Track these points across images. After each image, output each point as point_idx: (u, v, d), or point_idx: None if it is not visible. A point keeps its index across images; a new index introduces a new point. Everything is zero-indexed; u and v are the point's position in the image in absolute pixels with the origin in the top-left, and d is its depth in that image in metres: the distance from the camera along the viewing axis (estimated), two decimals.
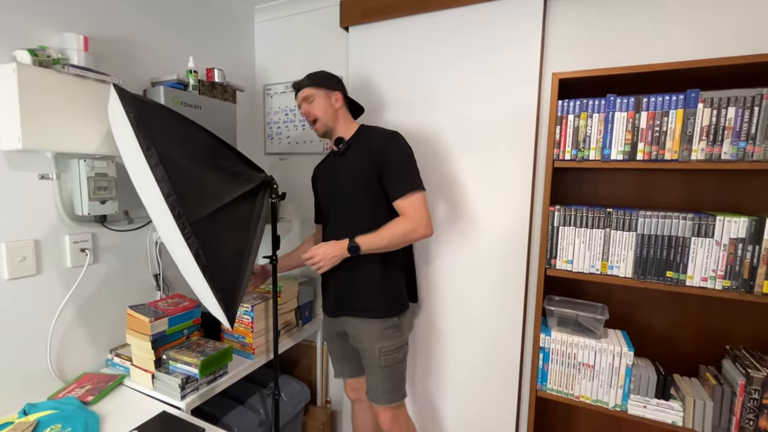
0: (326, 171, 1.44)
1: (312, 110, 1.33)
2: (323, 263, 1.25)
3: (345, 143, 1.32)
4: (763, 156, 0.97)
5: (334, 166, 1.37)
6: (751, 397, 1.01)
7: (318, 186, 1.47)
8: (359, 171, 1.27)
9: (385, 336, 1.30)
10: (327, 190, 1.40)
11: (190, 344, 1.38)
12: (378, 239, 1.22)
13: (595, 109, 1.12)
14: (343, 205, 1.32)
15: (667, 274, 1.07)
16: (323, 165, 1.48)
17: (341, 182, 1.32)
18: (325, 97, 1.33)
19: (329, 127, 1.35)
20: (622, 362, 1.14)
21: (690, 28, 1.21)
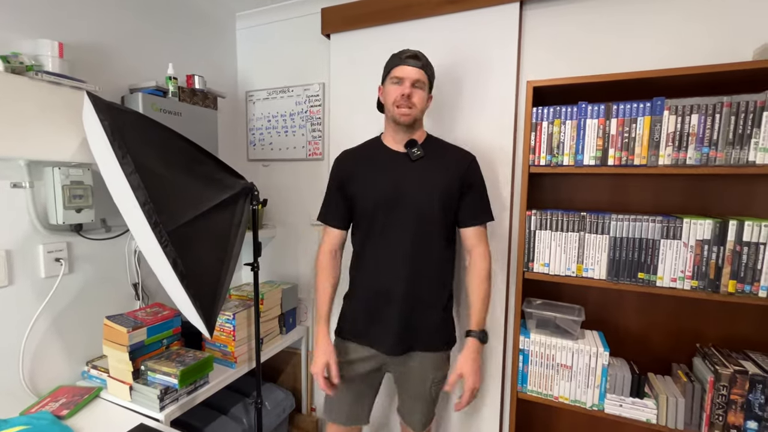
0: (383, 174, 1.17)
1: (416, 97, 1.12)
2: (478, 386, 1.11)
3: (419, 148, 1.16)
4: (725, 161, 1.02)
5: (402, 171, 1.16)
6: (719, 393, 1.05)
7: (361, 188, 1.19)
8: (445, 183, 1.14)
9: (439, 366, 1.20)
10: (386, 198, 1.15)
11: (169, 354, 1.36)
12: (485, 305, 1.14)
13: (568, 116, 1.15)
14: (415, 210, 1.13)
15: (639, 275, 1.11)
16: (369, 165, 1.20)
17: (414, 191, 1.13)
18: (427, 93, 1.16)
19: (415, 122, 1.16)
20: (598, 362, 1.17)
21: (657, 39, 1.26)
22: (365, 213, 1.18)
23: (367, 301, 1.19)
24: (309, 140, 1.91)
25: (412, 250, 1.13)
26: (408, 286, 1.13)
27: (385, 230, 1.15)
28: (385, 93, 1.17)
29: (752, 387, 1.02)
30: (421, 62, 1.11)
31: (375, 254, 1.18)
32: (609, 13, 1.32)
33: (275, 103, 1.98)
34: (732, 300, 1.03)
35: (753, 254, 1.00)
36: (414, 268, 1.14)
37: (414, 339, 1.16)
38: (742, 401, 1.03)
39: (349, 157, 1.26)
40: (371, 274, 1.19)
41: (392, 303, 1.15)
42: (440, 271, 1.18)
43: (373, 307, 1.18)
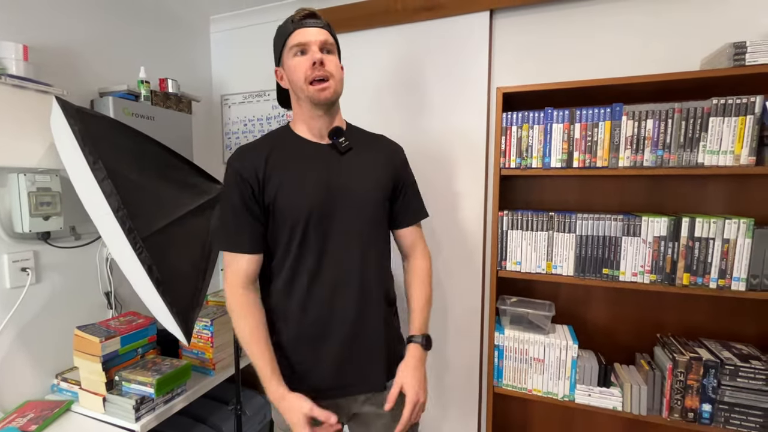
0: (308, 169, 0.90)
1: (331, 64, 0.88)
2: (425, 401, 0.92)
3: (345, 138, 0.94)
4: (677, 162, 1.10)
5: (333, 165, 0.92)
6: (677, 379, 1.12)
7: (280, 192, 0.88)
8: (384, 179, 0.96)
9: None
10: (319, 195, 0.89)
11: (145, 363, 1.33)
12: (428, 307, 0.98)
13: (535, 120, 1.21)
14: (358, 215, 0.91)
15: (604, 270, 1.18)
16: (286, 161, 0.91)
17: (357, 186, 0.92)
18: (339, 60, 0.94)
19: (335, 100, 0.92)
20: (568, 355, 1.23)
21: (616, 47, 1.34)
22: (292, 226, 0.88)
23: (316, 340, 0.91)
24: None
25: (362, 264, 0.91)
26: (367, 311, 0.92)
27: (324, 244, 0.89)
28: (288, 72, 0.90)
29: (706, 372, 1.10)
30: (322, 21, 0.89)
31: (318, 278, 0.89)
32: (572, 22, 1.40)
33: (252, 107, 1.97)
34: (686, 291, 1.11)
35: (704, 249, 1.08)
36: (369, 287, 0.92)
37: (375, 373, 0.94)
38: (698, 386, 1.11)
39: (254, 157, 0.90)
40: (316, 304, 0.90)
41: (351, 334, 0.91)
42: (389, 282, 1.01)
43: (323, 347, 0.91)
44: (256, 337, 0.88)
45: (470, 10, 1.51)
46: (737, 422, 1.09)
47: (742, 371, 1.07)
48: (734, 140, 1.04)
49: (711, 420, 1.11)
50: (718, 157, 1.06)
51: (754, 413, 1.07)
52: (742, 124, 1.03)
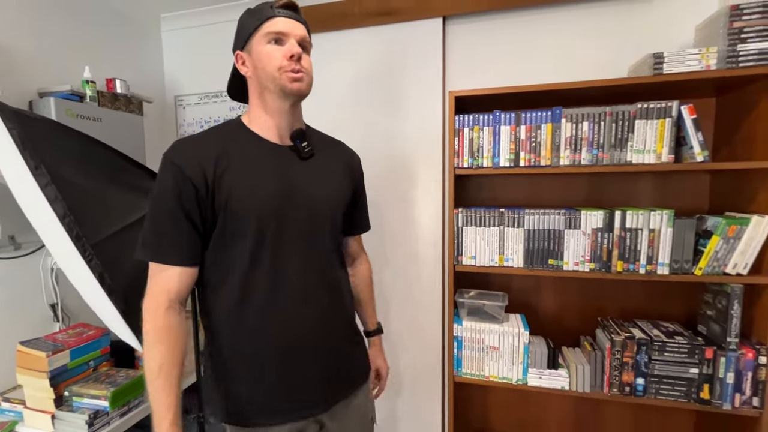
0: (265, 172, 0.82)
1: (307, 62, 0.83)
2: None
3: (308, 142, 0.88)
4: (610, 161, 1.21)
5: (294, 169, 0.85)
6: (615, 357, 1.24)
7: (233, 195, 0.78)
8: (343, 188, 0.93)
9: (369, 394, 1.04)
10: (278, 201, 0.81)
11: (98, 376, 1.28)
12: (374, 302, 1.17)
13: (485, 123, 1.29)
14: (319, 224, 0.86)
15: (549, 261, 1.27)
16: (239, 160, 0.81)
17: (319, 193, 0.87)
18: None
19: (306, 95, 0.86)
20: (520, 342, 1.31)
21: (556, 54, 1.45)
22: (246, 235, 0.79)
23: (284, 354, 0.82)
24: None
25: (323, 276, 0.86)
26: (333, 318, 0.88)
27: (283, 255, 0.82)
28: (256, 58, 0.81)
29: (639, 349, 1.22)
30: (302, 17, 0.84)
31: (276, 289, 0.81)
32: (518, 29, 1.49)
33: (207, 108, 1.92)
34: (621, 278, 1.22)
35: (634, 238, 1.20)
36: (332, 296, 0.89)
37: (346, 382, 0.92)
38: (632, 362, 1.23)
39: (201, 154, 0.78)
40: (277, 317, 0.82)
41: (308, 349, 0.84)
42: (349, 292, 0.98)
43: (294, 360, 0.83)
44: (166, 370, 0.74)
45: (423, 16, 1.57)
46: (666, 392, 1.21)
47: (669, 346, 1.20)
48: (656, 141, 1.16)
49: (644, 392, 1.23)
50: (644, 156, 1.18)
51: (679, 383, 1.20)
52: (662, 127, 1.16)
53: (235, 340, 0.81)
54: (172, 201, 0.76)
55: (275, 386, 0.82)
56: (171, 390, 0.74)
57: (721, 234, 1.13)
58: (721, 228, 1.13)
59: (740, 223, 1.12)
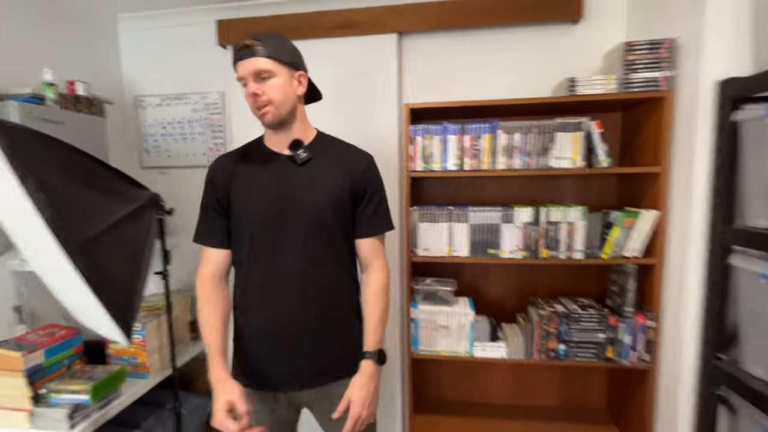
0: (265, 181, 1.00)
1: (266, 92, 0.93)
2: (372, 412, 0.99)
3: (305, 149, 0.99)
4: (537, 166, 1.45)
5: (287, 176, 0.99)
6: (542, 328, 1.49)
7: (242, 198, 1.00)
8: (337, 190, 0.99)
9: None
10: (272, 208, 0.98)
11: (73, 373, 1.33)
12: (383, 323, 1.02)
13: (435, 132, 1.49)
14: (307, 223, 0.97)
15: (489, 251, 1.50)
16: (249, 171, 1.02)
17: (304, 199, 0.98)
18: (287, 77, 0.95)
19: (283, 118, 0.97)
20: (467, 320, 1.54)
21: (499, 71, 1.68)
22: (247, 229, 0.99)
23: (261, 335, 1.01)
24: (210, 147, 1.95)
25: (307, 272, 0.97)
26: (306, 308, 0.98)
27: (274, 249, 0.98)
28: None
29: (561, 321, 1.49)
30: (254, 47, 0.90)
31: (263, 280, 0.99)
32: (464, 48, 1.70)
33: (170, 109, 1.95)
34: (546, 263, 1.48)
35: (555, 230, 1.46)
36: (311, 292, 0.98)
37: (324, 370, 1.01)
38: (556, 332, 1.49)
39: (224, 164, 1.05)
40: (258, 299, 1.00)
41: (291, 334, 0.99)
42: (344, 291, 1.04)
43: (268, 342, 1.00)
44: (209, 323, 0.99)
45: (380, 31, 1.73)
46: (581, 354, 1.49)
47: (583, 317, 1.48)
48: (572, 150, 1.42)
49: (565, 356, 1.50)
50: (562, 162, 1.44)
51: (591, 346, 1.49)
52: (577, 138, 1.42)
53: (237, 314, 1.05)
54: (205, 200, 1.05)
55: (251, 358, 1.02)
56: (214, 337, 0.98)
57: (620, 225, 1.42)
58: (620, 220, 1.42)
59: (633, 216, 1.41)
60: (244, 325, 1.04)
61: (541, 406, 1.80)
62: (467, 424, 1.70)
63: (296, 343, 0.99)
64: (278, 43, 0.94)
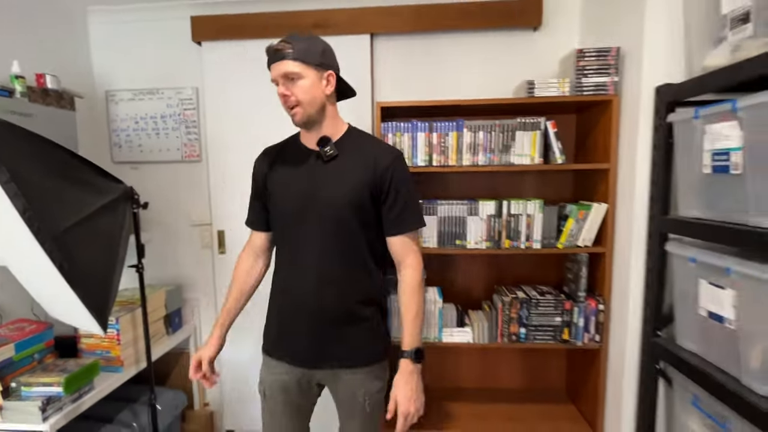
0: (296, 174, 1.08)
1: (295, 93, 0.98)
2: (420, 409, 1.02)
3: (332, 146, 1.04)
4: (499, 162, 1.56)
5: (314, 171, 1.06)
6: (505, 314, 1.61)
7: (277, 189, 1.10)
8: (358, 186, 1.02)
9: (373, 378, 1.10)
10: (299, 200, 1.05)
11: (45, 367, 1.33)
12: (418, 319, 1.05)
13: (405, 130, 1.57)
14: (326, 216, 1.03)
15: (456, 242, 1.60)
16: (283, 164, 1.11)
17: (327, 193, 1.03)
18: (315, 78, 0.99)
19: (312, 119, 1.03)
20: (436, 308, 1.63)
21: (465, 72, 1.78)
22: (278, 221, 1.11)
23: (280, 313, 1.12)
24: (185, 142, 1.96)
25: (320, 270, 1.04)
26: (319, 300, 1.04)
27: (295, 243, 1.07)
28: None
29: (521, 306, 1.60)
30: (284, 51, 0.96)
31: (287, 264, 1.10)
32: (433, 50, 1.80)
33: (143, 104, 1.95)
34: (508, 252, 1.59)
35: (516, 222, 1.57)
36: (324, 281, 1.04)
37: (331, 354, 1.07)
38: (517, 317, 1.61)
39: (265, 157, 1.16)
40: (283, 284, 1.11)
41: (302, 316, 1.07)
42: (358, 283, 1.06)
43: (284, 320, 1.11)
44: (225, 300, 1.18)
45: (354, 32, 1.79)
46: (540, 337, 1.61)
47: (541, 303, 1.60)
48: (530, 147, 1.54)
49: (526, 338, 1.62)
50: (522, 159, 1.55)
51: (548, 329, 1.61)
52: (535, 137, 1.53)
53: (271, 290, 1.16)
54: (252, 189, 1.18)
55: (277, 333, 1.13)
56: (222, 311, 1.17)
57: (574, 217, 1.54)
58: (574, 213, 1.54)
59: (586, 209, 1.54)
60: (271, 303, 1.16)
61: (506, 388, 1.92)
62: (439, 408, 1.79)
63: (310, 329, 1.07)
64: (307, 45, 0.98)
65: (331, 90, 1.04)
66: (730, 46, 1.09)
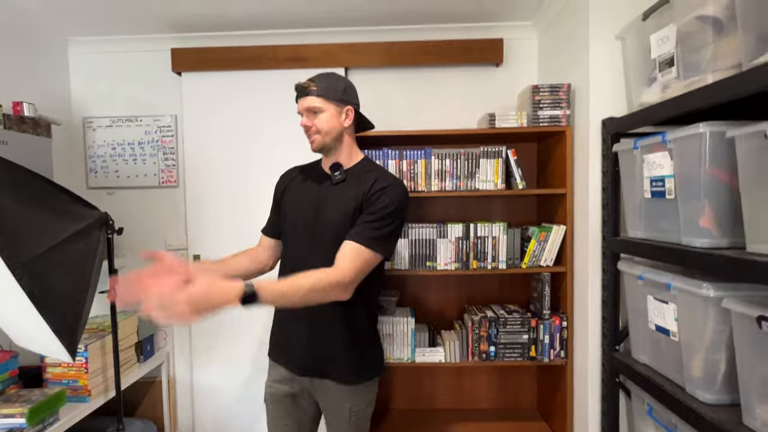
0: (306, 193, 1.19)
1: (315, 124, 1.11)
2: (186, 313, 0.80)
3: (342, 173, 1.15)
4: (465, 188, 1.66)
5: (321, 192, 1.16)
6: (475, 332, 1.66)
7: (288, 203, 1.22)
8: (349, 211, 1.09)
9: (359, 394, 1.14)
10: (302, 216, 1.16)
11: (8, 397, 1.29)
12: (291, 290, 0.94)
13: (377, 157, 1.66)
14: (322, 239, 1.10)
15: (427, 263, 1.67)
16: (300, 183, 1.23)
17: (325, 214, 1.12)
18: (335, 111, 1.12)
19: (328, 147, 1.15)
20: (408, 328, 1.67)
21: (435, 103, 1.90)
22: (284, 229, 1.21)
23: (280, 320, 1.21)
24: (162, 168, 1.99)
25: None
26: (311, 313, 1.05)
27: (296, 249, 1.15)
28: None
29: (490, 325, 1.66)
30: (308, 89, 1.10)
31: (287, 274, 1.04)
32: (404, 83, 1.92)
33: (121, 131, 1.98)
34: (477, 273, 1.67)
35: (483, 243, 1.66)
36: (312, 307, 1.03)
37: (320, 365, 1.12)
38: (486, 335, 1.66)
39: (286, 175, 1.29)
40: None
41: (297, 325, 1.13)
42: (349, 303, 1.04)
43: (283, 327, 1.20)
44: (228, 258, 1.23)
45: (329, 65, 1.90)
46: (509, 355, 1.67)
47: (509, 321, 1.66)
48: (494, 174, 1.64)
49: (495, 356, 1.67)
50: (486, 184, 1.65)
51: (517, 347, 1.67)
52: (497, 164, 1.64)
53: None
54: (273, 200, 1.28)
55: (278, 339, 1.22)
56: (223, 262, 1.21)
57: (536, 238, 1.64)
58: (535, 234, 1.64)
59: (546, 230, 1.64)
60: (275, 311, 1.22)
61: (481, 408, 1.95)
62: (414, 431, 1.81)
63: (300, 339, 1.15)
64: (329, 83, 1.12)
65: (350, 123, 1.15)
66: (660, 85, 1.24)
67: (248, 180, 1.94)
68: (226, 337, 1.95)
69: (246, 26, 1.89)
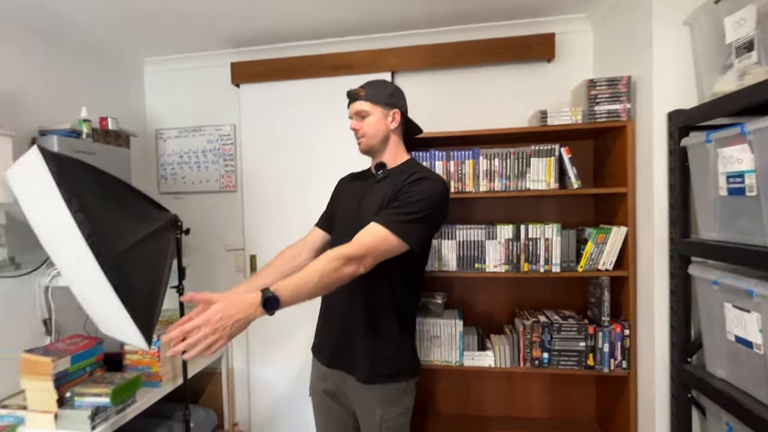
0: (353, 191, 1.26)
1: (363, 127, 1.17)
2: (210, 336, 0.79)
3: (385, 171, 1.19)
4: (515, 188, 1.61)
5: (363, 189, 1.22)
6: (527, 338, 1.60)
7: (339, 202, 1.30)
8: (381, 201, 1.11)
9: (390, 400, 1.12)
10: (346, 212, 1.22)
11: (95, 379, 1.45)
12: (307, 277, 0.91)
13: (424, 159, 1.66)
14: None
15: (475, 265, 1.64)
16: (351, 180, 1.33)
17: (364, 209, 1.15)
18: (381, 115, 1.17)
19: (374, 149, 1.19)
20: (456, 331, 1.65)
21: (482, 103, 1.87)
22: (335, 229, 1.26)
23: (322, 317, 1.25)
24: (222, 174, 2.14)
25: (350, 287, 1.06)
26: (347, 309, 1.13)
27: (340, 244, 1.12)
28: None
29: (543, 331, 1.60)
30: (358, 94, 1.17)
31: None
32: (449, 84, 1.91)
33: (187, 141, 2.16)
34: (528, 276, 1.61)
35: (534, 245, 1.60)
36: (355, 291, 1.11)
37: (343, 356, 1.15)
38: (539, 341, 1.60)
39: (345, 178, 1.37)
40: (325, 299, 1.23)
41: (334, 320, 1.18)
42: (384, 300, 1.11)
43: (323, 322, 1.24)
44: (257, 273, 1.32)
45: (375, 70, 1.94)
46: (564, 362, 1.59)
47: (564, 327, 1.59)
48: (545, 173, 1.58)
49: (549, 363, 1.60)
50: (538, 184, 1.60)
51: (572, 354, 1.59)
52: (550, 163, 1.58)
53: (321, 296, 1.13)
54: (329, 200, 1.36)
55: (318, 334, 1.27)
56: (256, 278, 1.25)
57: (593, 241, 1.56)
58: (593, 236, 1.56)
59: (605, 232, 1.55)
60: (319, 310, 1.27)
61: (534, 417, 1.88)
62: None
63: (332, 332, 1.19)
64: (377, 88, 1.18)
65: (396, 125, 1.19)
66: (737, 72, 1.13)
67: (301, 183, 2.03)
68: (281, 333, 2.05)
69: (296, 38, 1.98)
